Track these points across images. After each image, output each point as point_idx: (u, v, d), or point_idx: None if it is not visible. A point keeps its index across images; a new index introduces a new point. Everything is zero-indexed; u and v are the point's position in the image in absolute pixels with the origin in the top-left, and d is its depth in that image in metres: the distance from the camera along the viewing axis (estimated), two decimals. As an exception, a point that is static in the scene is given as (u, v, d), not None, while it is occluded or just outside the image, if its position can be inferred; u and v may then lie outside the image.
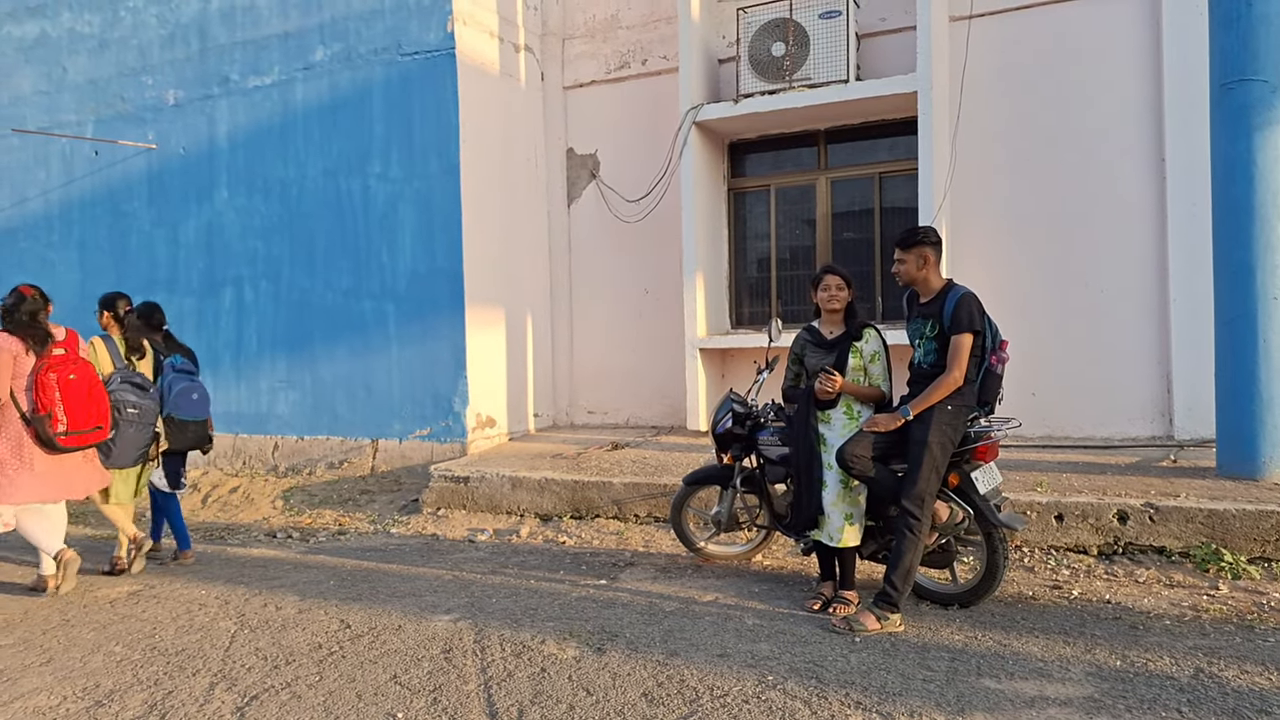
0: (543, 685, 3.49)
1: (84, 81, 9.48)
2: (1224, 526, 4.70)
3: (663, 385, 8.53)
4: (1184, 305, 6.58)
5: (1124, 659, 3.56)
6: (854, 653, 3.72)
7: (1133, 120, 6.84)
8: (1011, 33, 7.18)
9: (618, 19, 8.69)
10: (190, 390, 5.57)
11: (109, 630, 4.36)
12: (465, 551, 5.87)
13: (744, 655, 3.73)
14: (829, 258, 7.95)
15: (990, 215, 7.25)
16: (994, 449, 4.24)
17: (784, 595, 4.58)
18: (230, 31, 8.69)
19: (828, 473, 4.30)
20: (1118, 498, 5.02)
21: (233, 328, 8.79)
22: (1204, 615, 4.06)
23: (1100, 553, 4.92)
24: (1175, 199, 6.63)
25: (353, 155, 8.18)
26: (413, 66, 7.89)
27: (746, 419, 4.95)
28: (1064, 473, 5.72)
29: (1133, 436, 6.84)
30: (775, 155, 8.35)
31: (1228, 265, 5.43)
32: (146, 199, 9.16)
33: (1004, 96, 7.21)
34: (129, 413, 5.17)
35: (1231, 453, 5.45)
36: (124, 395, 5.17)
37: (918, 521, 3.98)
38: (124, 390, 5.18)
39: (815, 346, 4.45)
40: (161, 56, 9.07)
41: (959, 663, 3.58)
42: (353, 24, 8.14)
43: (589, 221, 8.88)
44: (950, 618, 4.13)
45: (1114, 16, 6.88)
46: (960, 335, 4.02)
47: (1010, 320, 6.35)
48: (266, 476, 8.40)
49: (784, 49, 7.42)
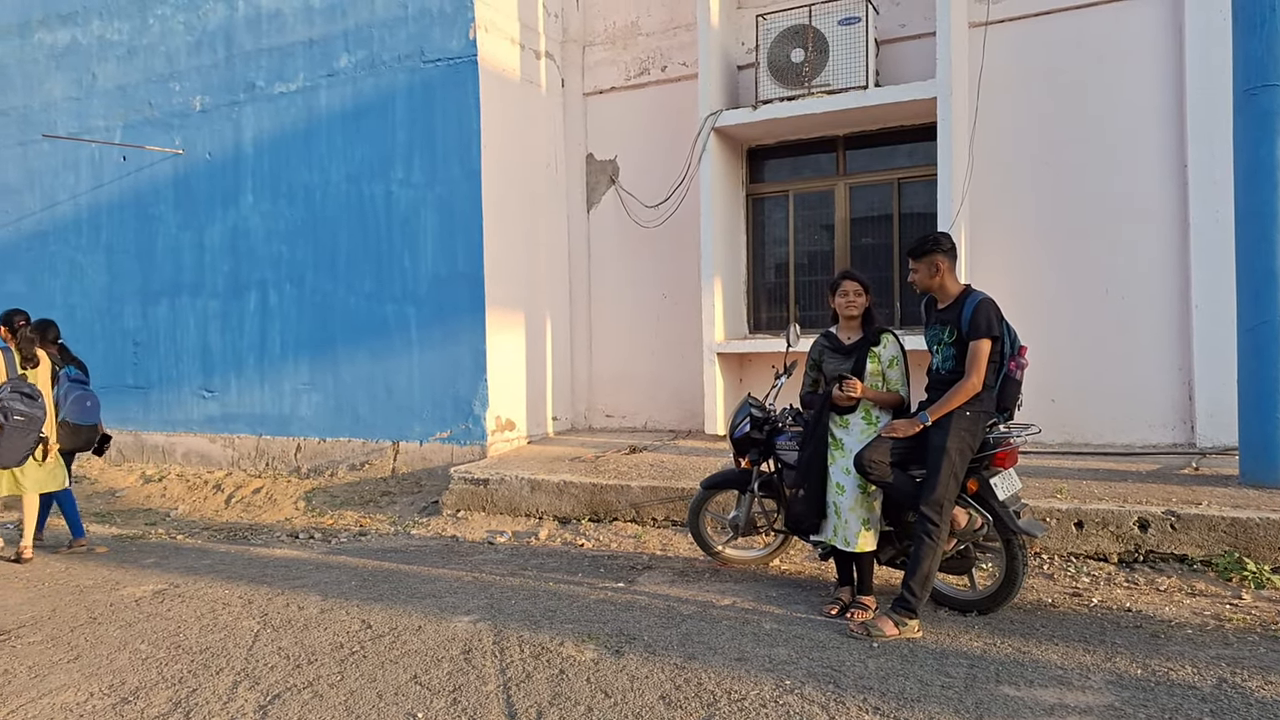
0: (561, 687, 3.52)
1: (113, 88, 9.65)
2: (1247, 535, 4.66)
3: (681, 389, 8.55)
4: (1206, 311, 6.52)
5: (1145, 668, 3.54)
6: (872, 658, 3.73)
7: (1154, 126, 6.79)
8: (1031, 38, 7.15)
9: (638, 26, 8.74)
10: (85, 398, 6.32)
11: (135, 628, 4.43)
12: (484, 553, 5.91)
13: (762, 659, 3.74)
14: (847, 263, 7.95)
15: (1009, 221, 7.23)
16: (1013, 455, 4.23)
17: (801, 600, 4.59)
18: (256, 39, 8.82)
19: (845, 478, 4.31)
20: (1139, 505, 4.99)
21: (257, 330, 8.90)
22: (1227, 624, 4.03)
23: (1121, 560, 4.89)
24: (1197, 204, 6.58)
25: (375, 161, 8.28)
26: (435, 73, 7.97)
27: (764, 424, 4.96)
28: (1084, 479, 5.69)
29: (1154, 443, 6.79)
30: (794, 161, 8.36)
31: (1251, 271, 5.39)
32: (173, 203, 9.30)
33: (1023, 102, 7.19)
34: (15, 420, 5.66)
35: (1255, 460, 5.40)
36: (12, 404, 5.66)
37: (936, 527, 3.98)
38: (13, 399, 5.68)
39: (833, 352, 4.46)
40: (189, 63, 9.21)
41: (978, 669, 3.58)
42: (376, 31, 8.23)
43: (608, 227, 8.93)
44: (969, 624, 4.12)
45: (1135, 21, 6.84)
46: (978, 341, 4.02)
47: (1029, 326, 6.32)
48: (289, 477, 8.49)
49: (803, 55, 7.44)
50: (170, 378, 9.37)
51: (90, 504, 8.26)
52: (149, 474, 9.10)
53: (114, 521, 7.55)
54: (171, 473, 9.04)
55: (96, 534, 6.88)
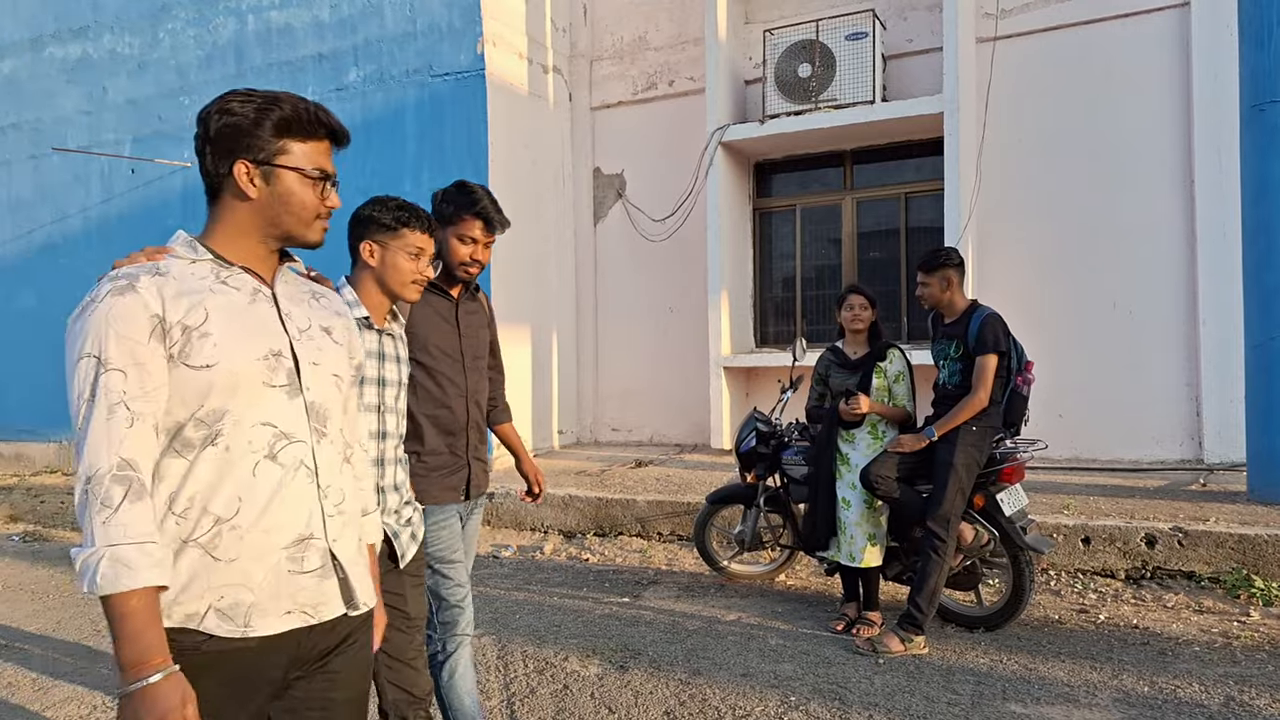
0: (565, 702, 3.51)
1: (123, 101, 9.73)
2: (1255, 552, 4.63)
3: (687, 403, 8.55)
4: (1213, 327, 6.51)
5: (1152, 685, 3.52)
6: (878, 675, 3.71)
7: (1161, 141, 6.80)
8: (1038, 54, 7.18)
9: (645, 40, 8.80)
10: None
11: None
12: (490, 567, 5.91)
13: (767, 675, 3.73)
14: (854, 277, 7.95)
15: (1016, 236, 7.23)
16: (1020, 470, 4.22)
17: (807, 615, 4.58)
18: (266, 53, 8.90)
19: (851, 493, 4.30)
20: (1146, 521, 4.97)
21: (264, 343, 8.93)
22: (1234, 642, 4.00)
23: (1128, 577, 4.87)
24: (1204, 220, 6.57)
25: (385, 174, 8.32)
26: (444, 88, 8.03)
27: (771, 438, 4.96)
28: (1091, 495, 5.67)
29: (1161, 459, 6.76)
30: (801, 175, 8.38)
31: (1258, 287, 5.38)
32: (182, 216, 9.35)
33: (1030, 118, 7.20)
34: None
35: (1263, 477, 5.37)
36: None
37: (943, 543, 3.97)
38: None
39: (839, 367, 4.46)
40: (199, 77, 9.29)
41: (984, 686, 3.56)
42: (385, 46, 8.30)
43: (615, 240, 8.96)
44: (975, 640, 4.10)
45: (1142, 37, 6.86)
46: (985, 356, 4.02)
47: (1036, 341, 6.31)
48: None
49: (810, 70, 7.47)
50: (178, 389, 9.40)
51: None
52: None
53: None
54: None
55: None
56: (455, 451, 2.69)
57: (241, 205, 1.56)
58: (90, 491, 1.37)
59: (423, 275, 2.39)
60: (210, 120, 1.53)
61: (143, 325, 1.43)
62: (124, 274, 1.48)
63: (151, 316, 1.44)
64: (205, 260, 1.56)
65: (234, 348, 1.50)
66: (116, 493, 1.37)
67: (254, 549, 1.50)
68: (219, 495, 1.48)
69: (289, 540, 1.54)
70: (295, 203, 1.57)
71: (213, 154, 1.54)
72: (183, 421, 1.47)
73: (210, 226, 1.60)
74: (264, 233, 1.58)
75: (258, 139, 1.53)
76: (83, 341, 1.42)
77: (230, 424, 1.49)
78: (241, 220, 1.57)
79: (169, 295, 1.47)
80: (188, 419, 1.47)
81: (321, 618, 1.58)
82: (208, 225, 1.60)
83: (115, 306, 1.43)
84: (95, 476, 1.37)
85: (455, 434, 2.69)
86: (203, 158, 1.55)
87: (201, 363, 1.46)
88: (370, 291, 2.38)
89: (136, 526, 1.37)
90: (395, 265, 2.36)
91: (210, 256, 1.56)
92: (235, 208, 1.56)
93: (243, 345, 1.51)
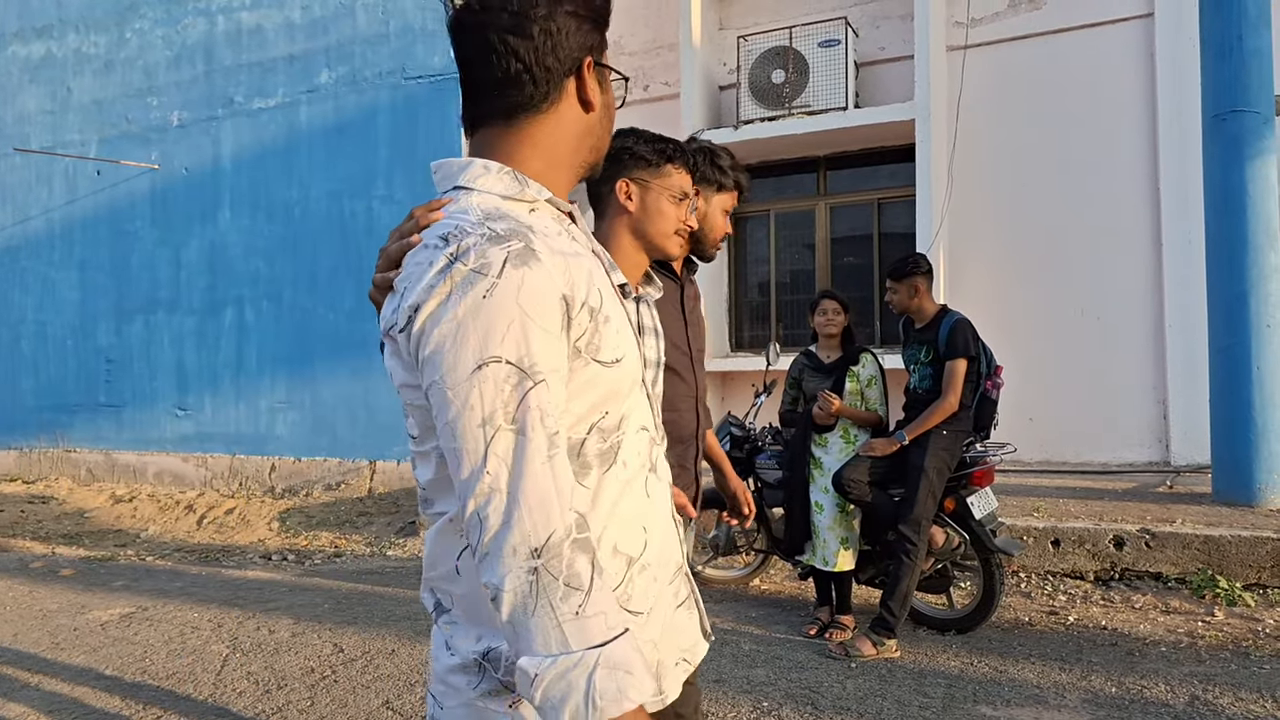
0: (537, 709, 3.47)
1: (89, 102, 9.57)
2: (1220, 553, 4.69)
3: (661, 408, 8.53)
4: (1179, 332, 6.61)
5: (1120, 685, 3.55)
6: (850, 679, 3.71)
7: (1127, 149, 6.90)
8: (1008, 62, 7.26)
9: (620, 45, 8.79)
10: None
11: (100, 654, 4.34)
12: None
13: (740, 680, 3.71)
14: (828, 282, 7.99)
15: (987, 241, 7.30)
16: (990, 474, 4.25)
17: (781, 620, 4.57)
18: (236, 54, 8.79)
19: (824, 496, 4.31)
20: (1114, 523, 5.02)
21: (233, 348, 8.81)
22: (1200, 642, 4.05)
23: (1097, 578, 4.91)
24: (1170, 227, 6.68)
25: (357, 177, 8.25)
26: (417, 90, 7.98)
27: (744, 442, 4.96)
28: (1061, 498, 5.72)
29: (1129, 462, 6.85)
30: (776, 181, 8.41)
31: (1221, 294, 5.46)
32: (149, 219, 9.22)
33: (1000, 125, 7.28)
34: None
35: (1227, 479, 5.45)
36: None
37: (914, 547, 3.98)
38: None
39: (813, 371, 4.48)
40: (167, 78, 9.16)
41: (955, 689, 3.57)
42: (358, 48, 8.24)
43: (589, 244, 8.92)
44: (947, 643, 4.12)
45: (1108, 47, 6.96)
46: (955, 360, 4.05)
47: (1006, 346, 6.36)
48: (263, 498, 8.38)
49: (784, 76, 7.50)
50: (143, 396, 9.25)
51: (59, 525, 8.11)
52: (119, 494, 8.96)
53: (83, 543, 7.41)
54: (143, 493, 8.90)
55: (64, 556, 6.75)
56: (684, 464, 2.12)
57: (564, 119, 1.15)
58: (546, 569, 0.94)
59: (687, 224, 1.91)
60: None
61: (557, 312, 1.01)
62: (506, 230, 1.02)
63: (561, 299, 1.02)
64: (543, 202, 1.13)
65: (627, 331, 1.12)
66: (582, 566, 0.96)
67: (660, 591, 1.16)
68: (628, 529, 1.12)
69: (672, 572, 1.20)
70: (610, 117, 1.26)
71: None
72: (584, 436, 1.08)
73: (511, 151, 1.13)
74: (576, 159, 1.21)
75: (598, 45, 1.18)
76: (484, 337, 0.97)
77: (626, 434, 1.13)
78: (563, 139, 1.17)
79: (560, 265, 1.04)
80: (588, 432, 1.09)
81: (695, 661, 1.24)
82: (504, 150, 1.14)
83: (527, 283, 0.99)
84: (549, 546, 0.95)
85: (685, 442, 2.14)
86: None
87: (612, 356, 1.08)
88: (625, 248, 1.86)
89: (616, 614, 0.97)
90: (660, 210, 1.86)
91: (549, 196, 1.13)
92: (562, 121, 1.16)
93: (627, 326, 1.13)
